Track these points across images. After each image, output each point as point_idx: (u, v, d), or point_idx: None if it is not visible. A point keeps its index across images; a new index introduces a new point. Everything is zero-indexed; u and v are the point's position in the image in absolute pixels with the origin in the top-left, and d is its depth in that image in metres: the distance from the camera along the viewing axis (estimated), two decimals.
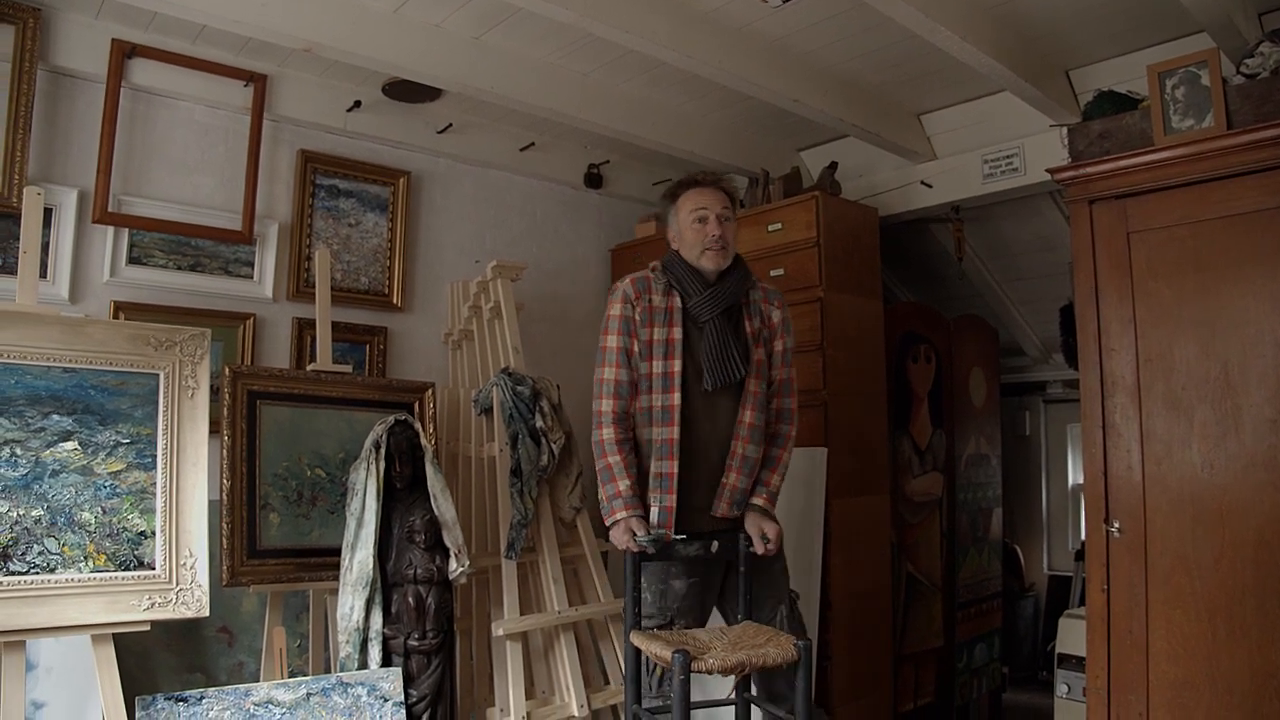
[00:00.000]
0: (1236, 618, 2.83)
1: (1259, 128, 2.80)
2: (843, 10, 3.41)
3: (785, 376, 3.02)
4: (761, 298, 3.02)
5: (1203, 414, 2.94)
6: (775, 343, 3.00)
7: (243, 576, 3.16)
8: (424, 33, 3.63)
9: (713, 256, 2.89)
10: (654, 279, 2.97)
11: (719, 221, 2.90)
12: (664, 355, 2.86)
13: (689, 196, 2.96)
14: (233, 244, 3.83)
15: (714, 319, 2.87)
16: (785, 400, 3.03)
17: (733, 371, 2.83)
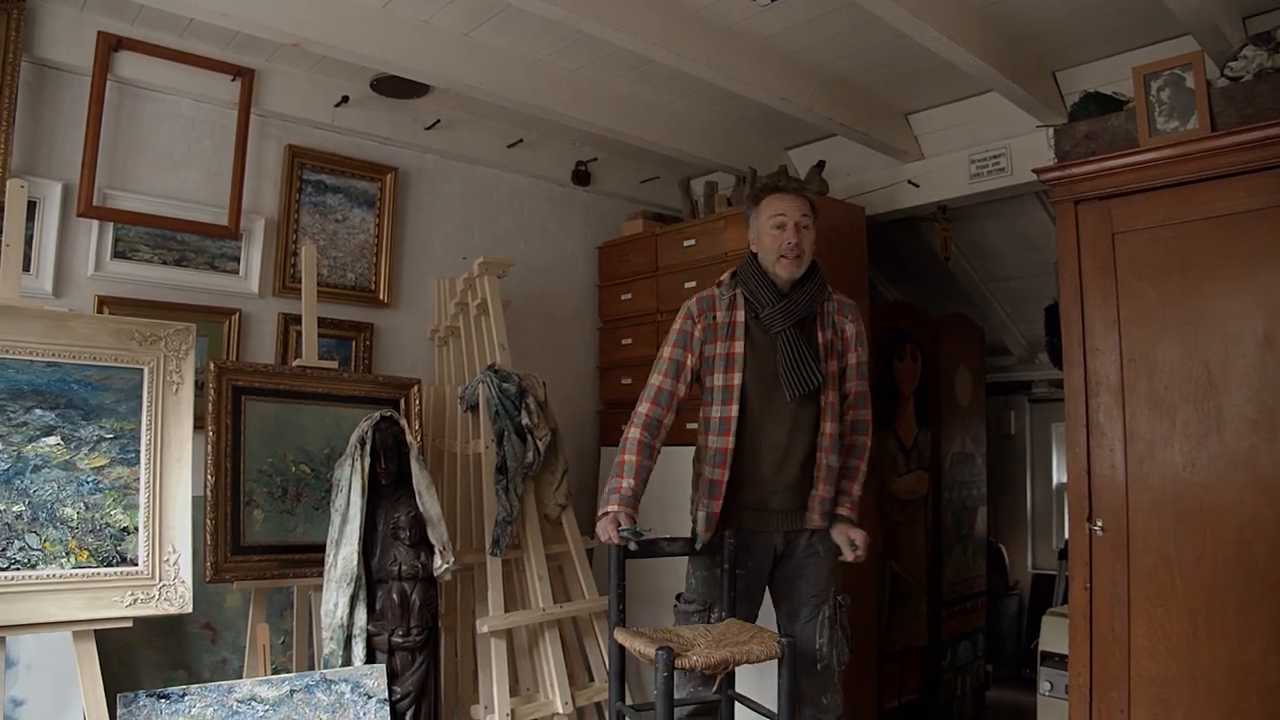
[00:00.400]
0: (1216, 616, 2.85)
1: (1242, 130, 2.82)
2: (831, 9, 3.42)
3: (862, 389, 3.08)
4: (835, 309, 3.05)
5: (1185, 413, 2.95)
6: (849, 355, 3.05)
7: (226, 573, 3.15)
8: (413, 28, 3.61)
9: (787, 265, 2.91)
10: (718, 295, 3.01)
11: (797, 229, 2.92)
12: (725, 369, 2.92)
13: (770, 201, 2.99)
14: (219, 239, 3.81)
15: (787, 330, 2.90)
16: (862, 412, 3.09)
17: (810, 380, 2.85)
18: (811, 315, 2.97)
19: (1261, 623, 2.76)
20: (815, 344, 2.94)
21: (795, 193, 3.00)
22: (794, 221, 2.91)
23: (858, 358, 3.06)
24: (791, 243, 2.90)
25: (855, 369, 3.06)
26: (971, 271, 5.62)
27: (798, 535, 2.98)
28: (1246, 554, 2.81)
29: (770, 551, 2.97)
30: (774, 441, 2.92)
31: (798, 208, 2.95)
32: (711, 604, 2.93)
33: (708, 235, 4.48)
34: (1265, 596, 2.76)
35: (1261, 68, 2.88)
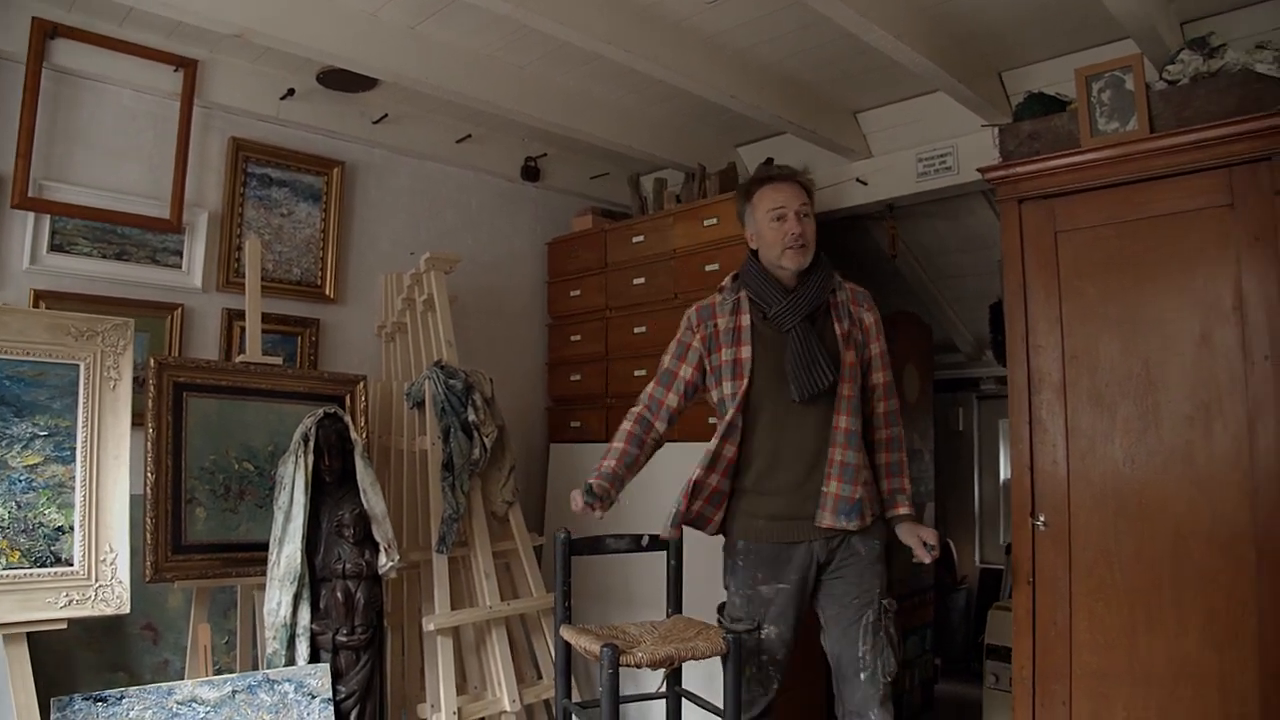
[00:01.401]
0: (1154, 608, 2.90)
1: (1179, 132, 2.87)
2: (779, 8, 3.42)
3: (888, 380, 2.92)
4: (849, 298, 2.89)
5: (1125, 410, 3.00)
6: (871, 346, 2.88)
7: (167, 572, 3.10)
8: (359, 21, 3.57)
9: (794, 255, 2.77)
10: (719, 302, 2.90)
11: (798, 218, 2.78)
12: (733, 375, 2.78)
13: (764, 194, 2.85)
14: (160, 232, 3.74)
15: (798, 326, 2.75)
16: (891, 403, 2.92)
17: (820, 379, 2.69)
18: (824, 307, 2.83)
19: (1197, 615, 2.82)
20: (831, 337, 2.79)
21: (789, 180, 2.86)
22: (794, 211, 2.77)
23: (880, 347, 2.90)
24: (795, 233, 2.75)
25: (879, 359, 2.89)
26: (919, 269, 5.67)
27: (839, 539, 2.75)
28: (1183, 548, 2.86)
29: (811, 562, 2.75)
30: (801, 447, 2.75)
31: (796, 196, 2.81)
32: (761, 620, 2.72)
33: (657, 232, 4.49)
34: (1200, 589, 2.82)
35: (1197, 72, 2.93)
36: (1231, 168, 2.81)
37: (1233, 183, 2.81)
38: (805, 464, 2.74)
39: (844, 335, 2.80)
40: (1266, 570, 2.70)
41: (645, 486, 4.20)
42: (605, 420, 4.60)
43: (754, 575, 2.76)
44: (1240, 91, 2.81)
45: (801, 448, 2.75)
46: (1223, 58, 2.88)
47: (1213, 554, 2.81)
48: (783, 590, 2.73)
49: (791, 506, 2.74)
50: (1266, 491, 2.72)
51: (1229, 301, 2.82)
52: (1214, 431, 2.83)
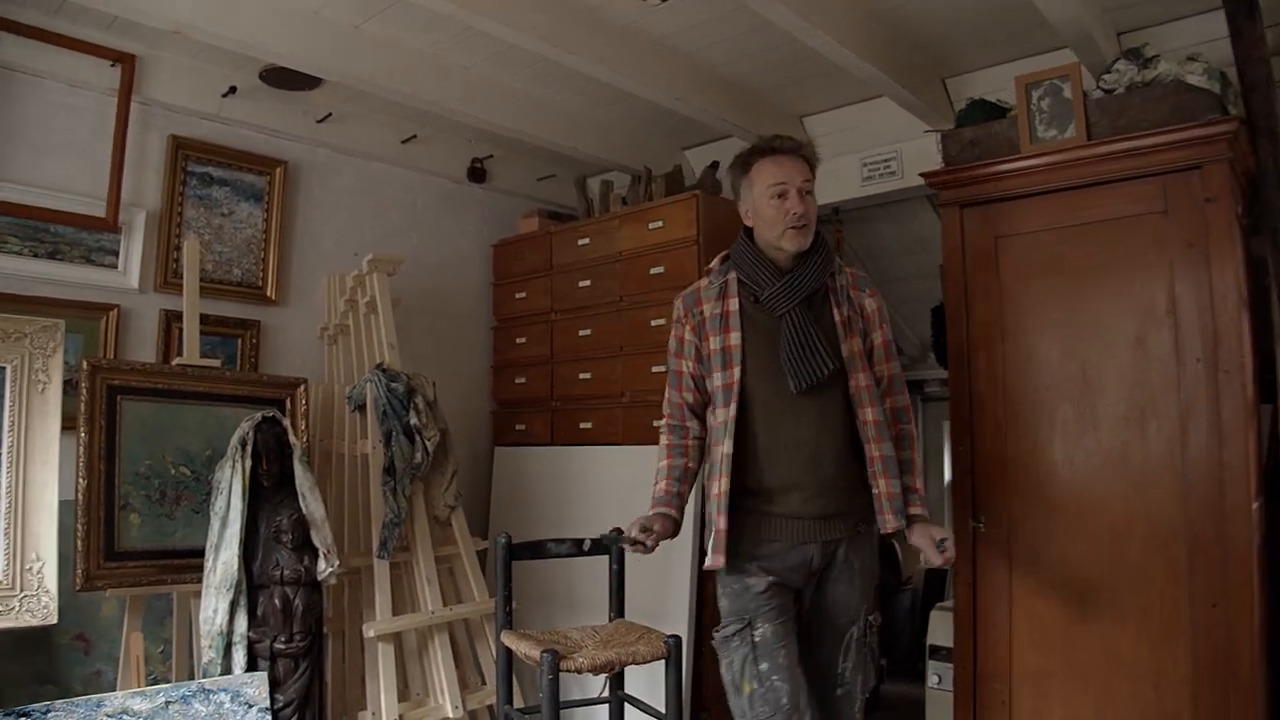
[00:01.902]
0: (1090, 607, 2.94)
1: (1114, 140, 2.91)
2: (724, 12, 3.43)
3: (895, 372, 2.69)
4: (850, 283, 2.67)
5: (1064, 412, 3.04)
6: (875, 335, 2.65)
7: (99, 580, 3.03)
8: (301, 19, 3.52)
9: (794, 236, 2.53)
10: (705, 287, 2.69)
11: (801, 196, 2.53)
12: (723, 365, 2.57)
13: (763, 168, 2.57)
14: (96, 231, 3.66)
15: (792, 310, 2.53)
16: (899, 397, 2.69)
17: (819, 367, 2.47)
18: (822, 291, 2.61)
19: (1132, 613, 2.86)
20: (830, 323, 2.57)
21: (793, 154, 2.58)
22: (796, 188, 2.52)
23: (884, 336, 2.67)
24: (797, 212, 2.51)
25: (884, 349, 2.66)
26: (865, 272, 5.71)
27: (836, 546, 2.56)
28: (1119, 547, 2.90)
29: (805, 567, 2.55)
30: (799, 439, 2.52)
31: (799, 171, 2.55)
32: (751, 618, 2.50)
33: (603, 234, 4.48)
34: (1135, 588, 2.86)
35: (1132, 82, 2.98)
36: (1165, 175, 2.86)
37: (1166, 190, 2.86)
38: (807, 460, 2.51)
39: (844, 321, 2.59)
40: (1197, 568, 2.75)
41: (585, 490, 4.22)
42: (550, 423, 4.58)
43: (747, 568, 2.53)
44: (1173, 101, 2.86)
45: (802, 441, 2.52)
46: (1156, 68, 2.93)
47: (1147, 553, 2.85)
48: (774, 582, 2.53)
49: (794, 506, 2.53)
50: (1197, 491, 2.76)
51: (1163, 306, 2.86)
52: (1148, 433, 2.87)
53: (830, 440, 2.53)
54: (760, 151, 2.61)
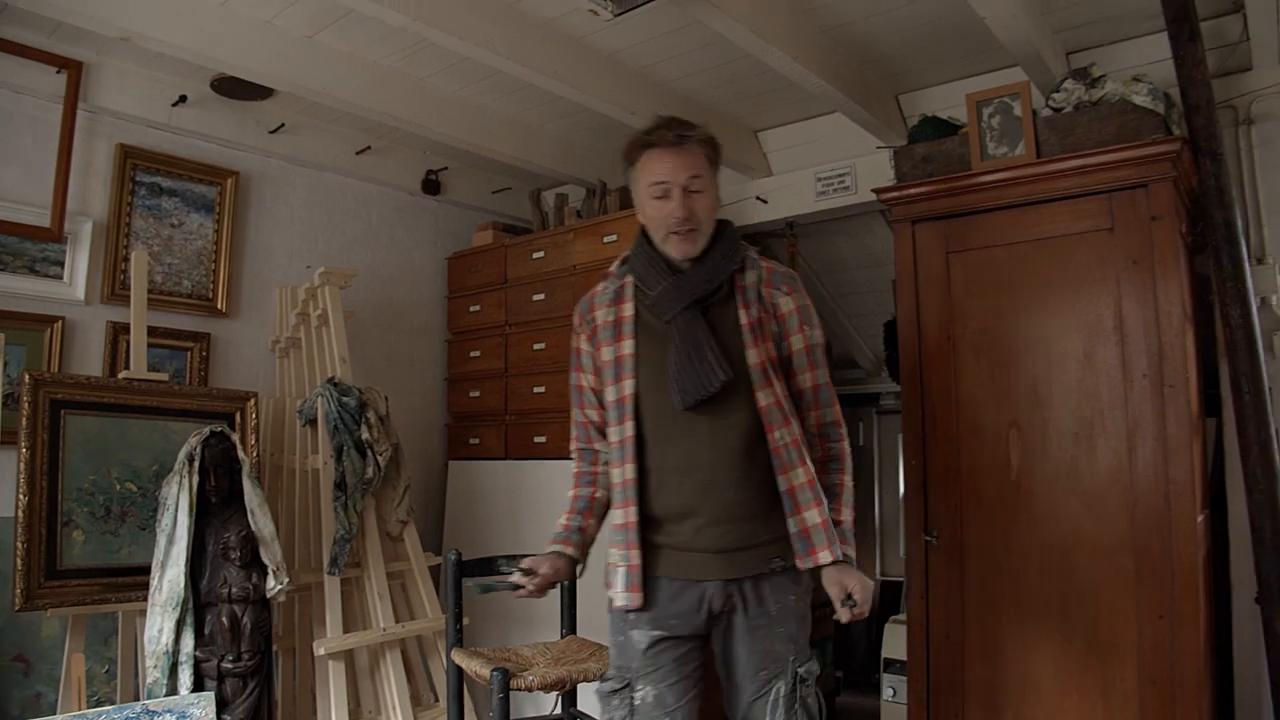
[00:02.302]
0: (1042, 620, 2.97)
1: (1063, 158, 2.96)
2: (678, 27, 3.44)
3: (817, 382, 2.29)
4: (762, 280, 2.28)
5: (1015, 427, 3.07)
6: (792, 339, 2.27)
7: (39, 599, 2.96)
8: (253, 28, 3.48)
9: (678, 243, 2.19)
10: (600, 291, 2.38)
11: (685, 196, 2.18)
12: (615, 378, 2.26)
13: (646, 163, 2.23)
14: (40, 241, 3.59)
15: (681, 314, 2.20)
16: (826, 411, 2.30)
17: (707, 379, 2.12)
18: (725, 290, 2.25)
19: (1081, 625, 2.89)
20: (733, 328, 2.22)
21: (676, 145, 2.21)
22: (680, 186, 2.17)
23: (805, 340, 2.27)
24: (679, 216, 2.17)
25: (805, 355, 2.27)
26: (820, 286, 5.75)
27: (742, 586, 2.17)
28: (1068, 561, 2.94)
29: (701, 608, 2.17)
30: (692, 461, 2.18)
31: (684, 167, 2.18)
32: (632, 679, 2.18)
33: (557, 247, 4.47)
34: (1085, 601, 2.89)
35: (1080, 101, 3.03)
36: (1112, 193, 2.91)
37: (1113, 208, 2.91)
38: (699, 485, 2.17)
39: (751, 325, 2.22)
40: (1144, 581, 2.78)
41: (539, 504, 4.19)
42: (504, 437, 4.56)
43: (624, 616, 2.22)
44: (1119, 120, 2.91)
45: (694, 464, 2.18)
46: (1103, 88, 2.99)
47: (1096, 566, 2.89)
48: (660, 637, 2.18)
49: (684, 537, 2.19)
50: (1144, 505, 2.80)
51: (1110, 322, 2.91)
52: (1097, 447, 2.91)
53: (731, 462, 2.17)
54: (640, 145, 2.25)
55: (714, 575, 2.16)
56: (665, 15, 3.27)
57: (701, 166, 2.22)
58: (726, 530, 2.16)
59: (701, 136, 2.24)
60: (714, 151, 2.27)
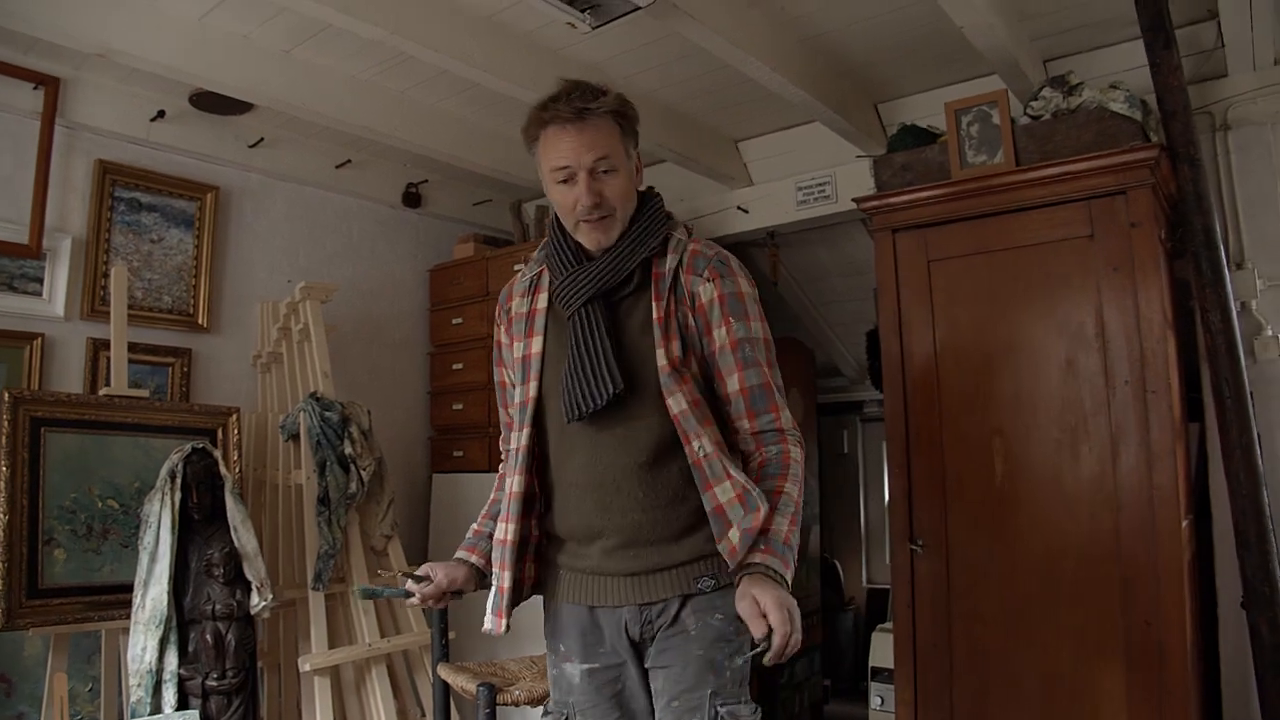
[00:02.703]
0: (1029, 627, 2.97)
1: (1041, 166, 2.98)
2: (656, 38, 3.44)
3: (747, 384, 1.89)
4: (684, 263, 1.94)
5: (1000, 436, 3.08)
6: (713, 334, 1.90)
7: (20, 619, 2.92)
8: (231, 43, 3.47)
9: (589, 232, 1.92)
10: (519, 279, 2.12)
11: (592, 180, 1.87)
12: (522, 378, 2.00)
13: (544, 144, 1.91)
14: (18, 258, 3.56)
15: (582, 310, 1.92)
16: (762, 418, 1.90)
17: (594, 391, 1.84)
18: (640, 280, 1.94)
19: (1068, 632, 2.90)
20: (643, 323, 1.91)
21: (578, 122, 1.87)
22: (586, 169, 1.86)
23: (730, 335, 1.89)
24: (585, 204, 1.88)
25: (731, 353, 1.89)
26: (802, 295, 5.77)
27: (662, 610, 1.87)
28: (1054, 567, 2.95)
29: (621, 636, 1.90)
30: (593, 476, 1.90)
31: (588, 146, 1.86)
32: (570, 714, 1.97)
33: None
34: (1071, 607, 2.90)
35: (1058, 109, 3.05)
36: (1090, 201, 2.93)
37: (1092, 215, 2.93)
38: (601, 501, 1.89)
39: (662, 320, 1.89)
40: (1130, 587, 2.79)
41: None
42: (488, 449, 4.54)
43: (557, 647, 2.01)
44: (1097, 128, 2.93)
45: (591, 482, 1.91)
46: (1081, 96, 3.00)
47: (1082, 572, 2.90)
48: (591, 670, 1.94)
49: (591, 559, 1.93)
50: (1128, 510, 2.82)
51: (1091, 329, 2.92)
52: (1080, 454, 2.92)
53: (638, 477, 1.86)
54: (538, 121, 1.92)
55: (628, 601, 1.88)
56: (643, 27, 3.27)
57: (610, 143, 1.89)
58: (638, 554, 1.87)
59: (608, 106, 1.90)
60: (626, 121, 1.94)
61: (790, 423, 1.93)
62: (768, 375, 1.92)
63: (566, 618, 1.98)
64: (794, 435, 1.92)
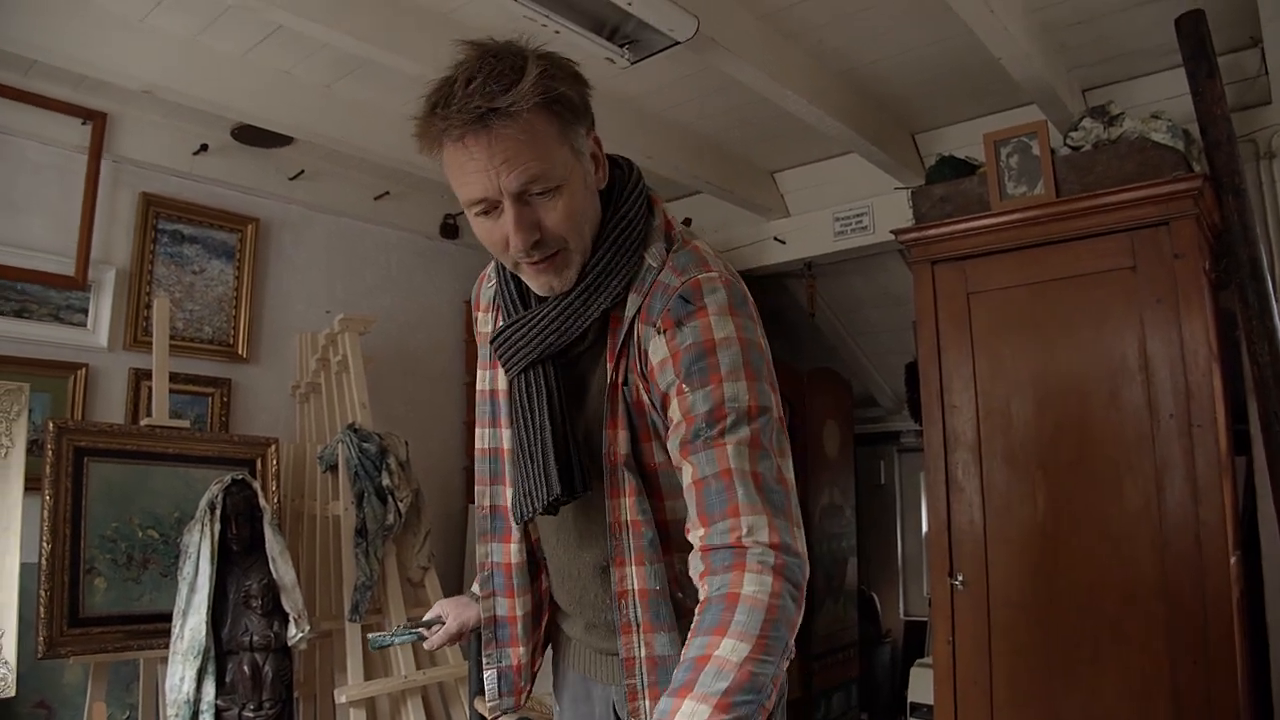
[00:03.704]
0: (1071, 664, 2.92)
1: (1083, 197, 2.95)
2: (694, 72, 3.45)
3: (701, 475, 1.29)
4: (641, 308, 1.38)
5: (1040, 469, 3.04)
6: (670, 407, 1.35)
7: (61, 647, 2.95)
8: (273, 78, 3.52)
9: (536, 276, 1.39)
10: (485, 279, 1.67)
11: (521, 206, 1.31)
12: (490, 418, 1.62)
13: (447, 166, 1.34)
14: (64, 290, 3.62)
15: (522, 378, 1.46)
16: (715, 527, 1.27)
17: (535, 491, 1.43)
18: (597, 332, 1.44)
19: (1112, 669, 2.84)
20: (599, 389, 1.44)
21: (483, 130, 1.26)
22: (511, 196, 1.29)
23: (683, 408, 1.31)
24: (518, 246, 1.32)
25: (685, 430, 1.31)
26: (838, 325, 5.74)
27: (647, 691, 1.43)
28: (1097, 603, 2.89)
29: (609, 712, 1.57)
30: (560, 565, 1.60)
31: (508, 164, 1.27)
32: None
33: None
34: (1115, 644, 2.85)
35: (1099, 139, 3.02)
36: (1133, 232, 2.89)
37: (1135, 246, 2.89)
38: (569, 595, 1.60)
39: (611, 389, 1.40)
40: (1176, 624, 2.74)
41: None
42: None
43: (558, 705, 1.78)
44: (1139, 158, 2.90)
45: (561, 571, 1.60)
46: (1122, 126, 2.98)
47: (1126, 608, 2.84)
48: None
49: (575, 627, 1.64)
50: (1174, 546, 2.76)
51: (1135, 361, 2.88)
52: (1124, 488, 2.87)
53: (600, 579, 1.51)
54: (429, 134, 1.32)
55: (615, 680, 1.53)
56: (681, 61, 3.29)
57: (542, 148, 1.29)
58: (615, 638, 1.46)
59: (529, 97, 1.26)
60: (563, 104, 1.32)
61: (767, 532, 1.25)
62: (730, 460, 1.28)
63: (564, 680, 1.73)
64: (761, 553, 1.24)
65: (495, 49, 1.30)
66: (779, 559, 1.24)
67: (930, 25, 3.17)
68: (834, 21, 3.19)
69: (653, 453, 1.41)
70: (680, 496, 1.36)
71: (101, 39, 3.07)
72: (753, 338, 1.35)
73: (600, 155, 1.43)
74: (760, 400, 1.31)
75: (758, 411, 1.31)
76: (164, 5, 3.06)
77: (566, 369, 1.46)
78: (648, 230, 1.43)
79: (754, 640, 1.15)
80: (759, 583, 1.20)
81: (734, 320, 1.33)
